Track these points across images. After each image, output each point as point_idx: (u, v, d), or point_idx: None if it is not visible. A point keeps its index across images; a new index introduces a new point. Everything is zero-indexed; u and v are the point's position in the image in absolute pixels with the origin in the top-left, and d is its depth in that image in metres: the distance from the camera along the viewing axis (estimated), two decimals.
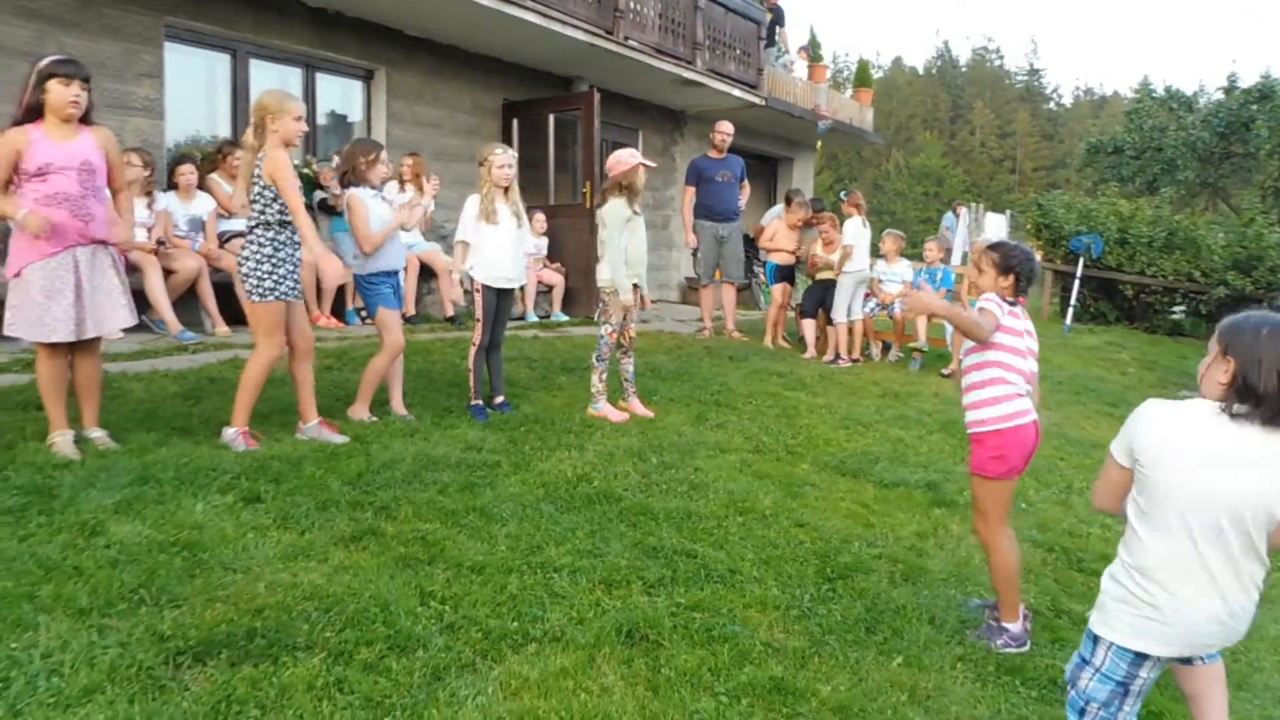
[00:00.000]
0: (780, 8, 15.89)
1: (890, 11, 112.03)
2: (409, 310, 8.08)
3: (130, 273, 6.47)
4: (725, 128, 9.36)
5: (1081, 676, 2.41)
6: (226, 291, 6.90)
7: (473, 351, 5.47)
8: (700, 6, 12.02)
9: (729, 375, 7.26)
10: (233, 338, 6.75)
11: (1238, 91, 22.23)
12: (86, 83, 4.09)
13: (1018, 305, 3.37)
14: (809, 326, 9.12)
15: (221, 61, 8.39)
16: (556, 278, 9.96)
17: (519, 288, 5.89)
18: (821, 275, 9.07)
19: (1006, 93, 63.52)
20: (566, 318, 9.83)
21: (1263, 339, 2.16)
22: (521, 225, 5.59)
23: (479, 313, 5.45)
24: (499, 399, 5.63)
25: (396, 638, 2.76)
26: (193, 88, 8.29)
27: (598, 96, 10.24)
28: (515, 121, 10.95)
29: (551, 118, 11.04)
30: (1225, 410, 2.19)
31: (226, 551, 3.21)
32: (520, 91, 11.04)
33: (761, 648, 3.02)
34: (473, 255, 5.43)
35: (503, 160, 5.39)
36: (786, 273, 9.68)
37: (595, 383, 5.70)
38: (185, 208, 7.24)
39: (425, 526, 3.64)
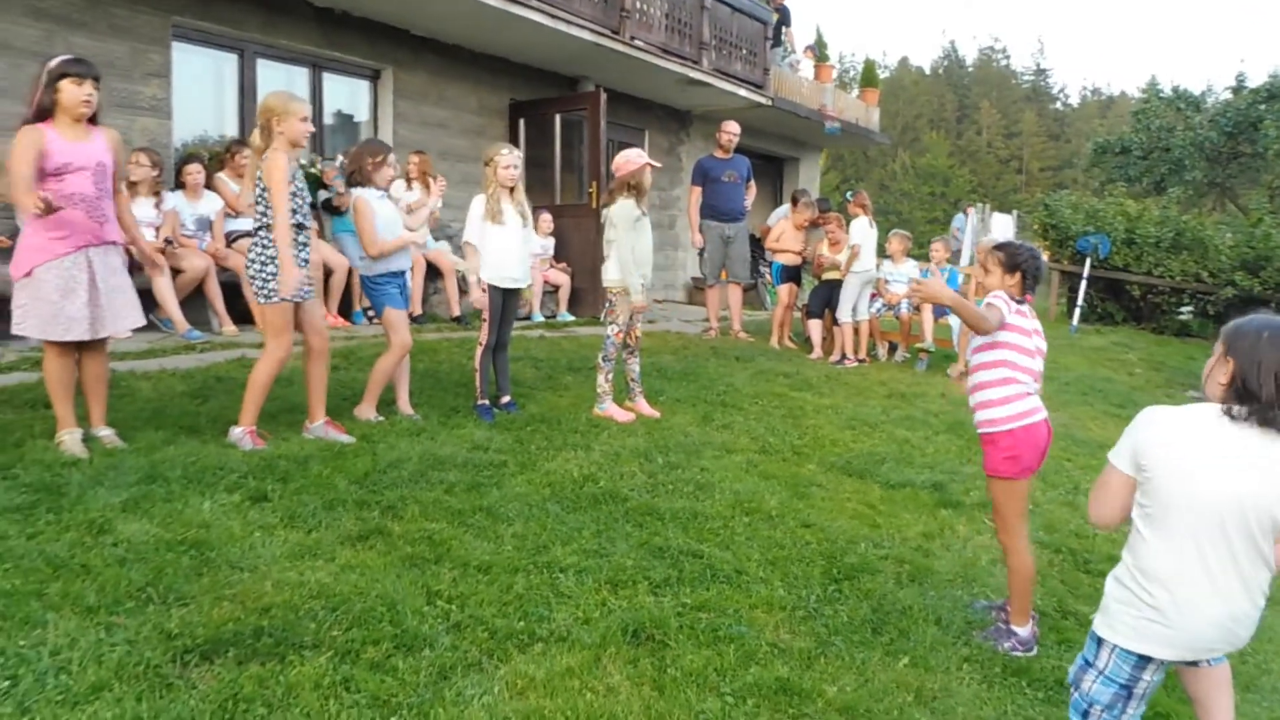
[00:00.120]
0: (786, 7, 15.89)
1: (896, 11, 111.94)
2: (416, 310, 8.10)
3: (137, 272, 6.53)
4: (731, 128, 9.35)
5: (1085, 679, 2.40)
6: (234, 291, 6.92)
7: (479, 351, 5.47)
8: (706, 6, 12.02)
9: (735, 376, 7.25)
10: (240, 337, 6.77)
11: (1246, 91, 22.20)
12: (97, 82, 4.11)
13: (1025, 304, 3.36)
14: (815, 327, 9.11)
15: (229, 61, 8.41)
16: (562, 278, 9.97)
17: (525, 287, 5.88)
18: (828, 275, 9.07)
19: (1013, 93, 63.39)
20: (572, 318, 9.84)
21: (1263, 342, 2.17)
22: (527, 225, 5.60)
23: (485, 313, 5.46)
24: (505, 399, 5.63)
25: (403, 637, 2.77)
26: (200, 87, 8.31)
27: (604, 96, 10.24)
28: (521, 121, 10.96)
29: (557, 118, 11.05)
30: (1225, 412, 2.20)
31: (234, 550, 3.22)
32: (526, 91, 11.05)
33: (767, 648, 3.02)
34: (479, 255, 5.43)
35: (508, 160, 5.39)
36: (792, 273, 9.68)
37: (601, 383, 5.71)
38: (193, 207, 7.26)
39: (432, 526, 3.64)
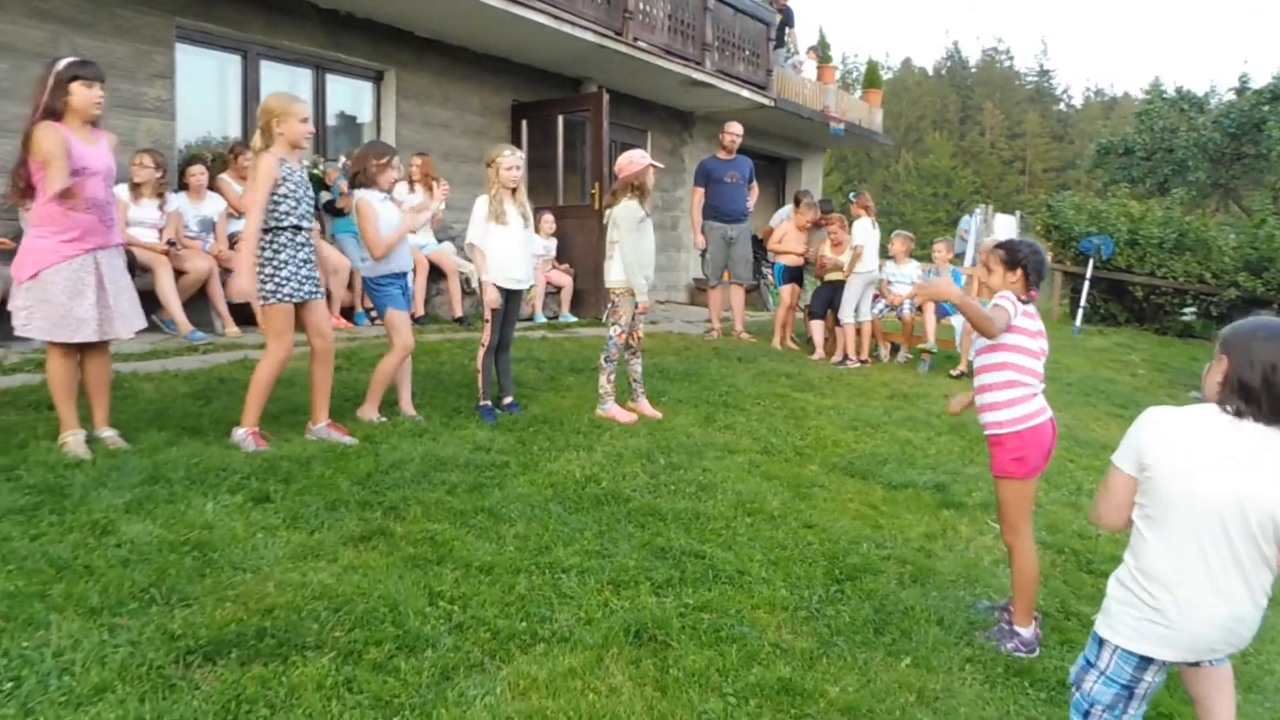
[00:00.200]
0: (790, 9, 15.89)
1: (900, 12, 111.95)
2: (418, 311, 8.11)
3: (140, 273, 6.55)
4: (734, 129, 9.35)
5: (1086, 679, 2.40)
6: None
7: (481, 352, 5.48)
8: (709, 7, 12.02)
9: (737, 376, 7.25)
10: (243, 338, 6.78)
11: (1249, 92, 22.15)
12: (103, 84, 4.14)
13: (1031, 304, 3.35)
14: (817, 328, 9.11)
15: (232, 62, 8.43)
16: (565, 279, 9.97)
17: (530, 287, 5.89)
18: (830, 276, 9.06)
19: (1016, 93, 63.36)
20: (575, 318, 9.84)
21: (1257, 339, 2.21)
22: (528, 226, 5.60)
23: (487, 314, 5.46)
24: (507, 400, 5.64)
25: (405, 637, 2.77)
26: (204, 89, 8.33)
27: (606, 97, 10.24)
28: (524, 122, 10.96)
29: (560, 119, 11.05)
30: (1222, 410, 2.22)
31: (236, 551, 3.23)
32: (529, 92, 11.06)
33: (770, 648, 3.02)
34: (485, 256, 5.43)
35: (510, 162, 5.39)
36: (795, 274, 9.68)
37: (603, 383, 5.71)
38: (196, 208, 7.27)
39: (434, 527, 3.65)
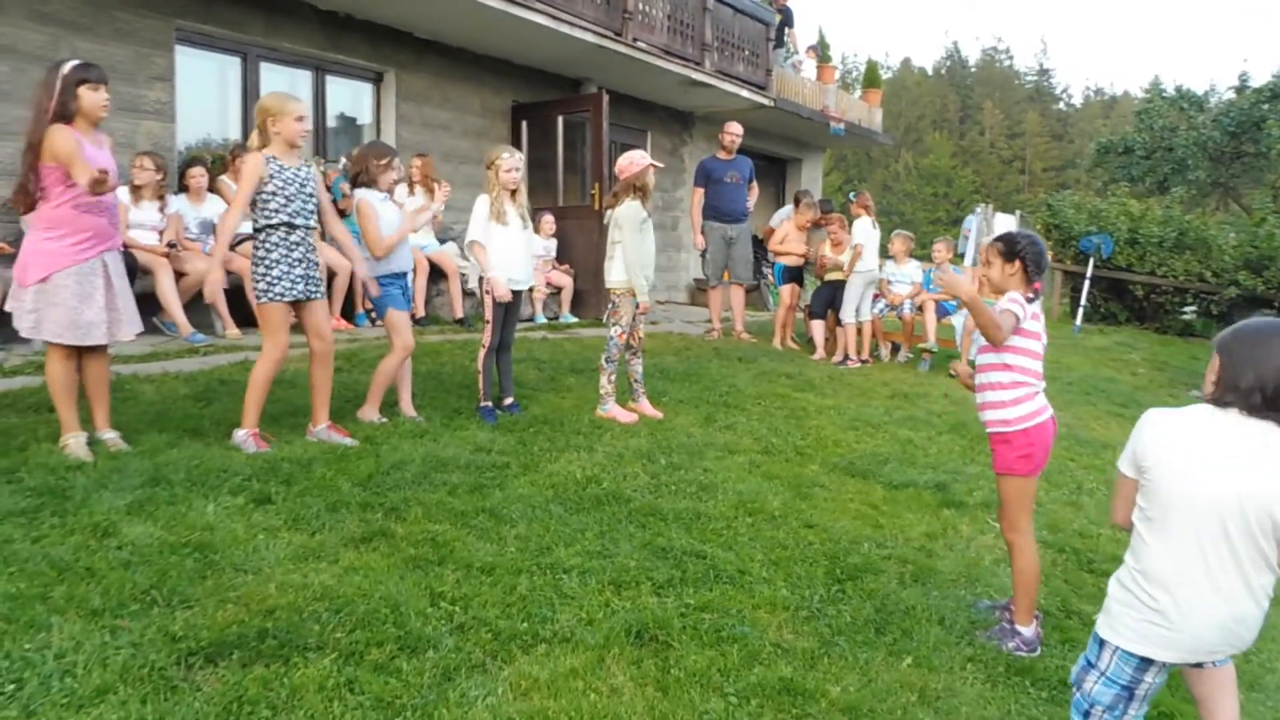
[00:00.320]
0: (789, 9, 15.88)
1: (899, 12, 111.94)
2: (419, 312, 8.11)
3: (141, 275, 6.56)
4: (734, 129, 9.35)
5: (1087, 679, 2.41)
6: (237, 294, 6.93)
7: (482, 353, 5.48)
8: (709, 8, 12.02)
9: (738, 376, 7.25)
10: (243, 340, 6.78)
11: (1249, 91, 22.14)
12: (107, 86, 4.17)
13: (1036, 302, 3.34)
14: (817, 327, 9.11)
15: (232, 64, 8.43)
16: (565, 279, 9.97)
17: (528, 289, 5.89)
18: (830, 276, 9.06)
19: (1016, 93, 63.37)
20: (575, 319, 9.84)
21: (1245, 336, 2.28)
22: (528, 228, 5.60)
23: (488, 314, 5.46)
24: (508, 400, 5.64)
25: (407, 638, 2.77)
26: (204, 91, 8.33)
27: (606, 98, 10.25)
28: (524, 123, 10.97)
29: (560, 119, 11.06)
30: (1215, 406, 2.26)
31: (238, 553, 3.23)
32: (529, 93, 11.07)
33: (771, 648, 3.02)
34: (488, 254, 5.43)
35: (510, 163, 5.39)
36: (795, 274, 9.68)
37: (604, 384, 5.71)
38: (196, 210, 7.28)
39: (435, 528, 3.65)
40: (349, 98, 9.64)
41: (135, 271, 6.29)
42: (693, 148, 13.99)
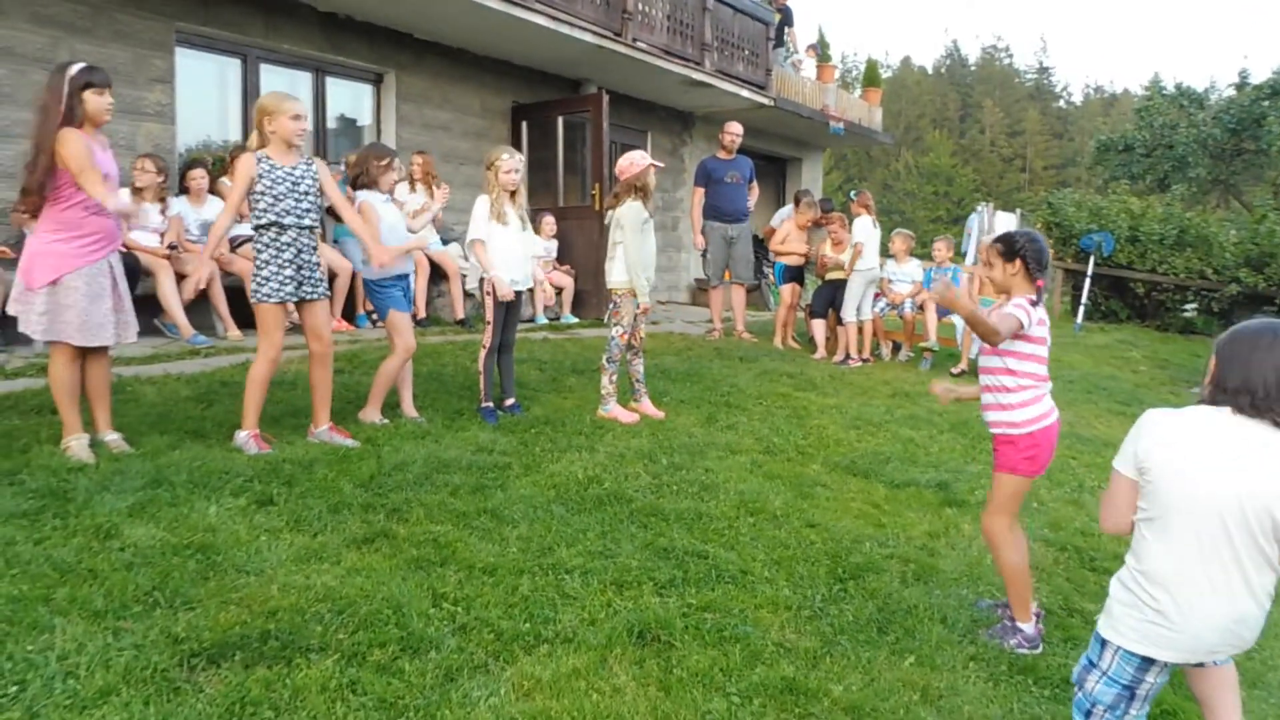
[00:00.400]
0: (789, 8, 15.88)
1: (899, 11, 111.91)
2: (420, 313, 8.11)
3: (143, 277, 6.56)
4: (734, 128, 9.35)
5: (1089, 679, 2.41)
6: (238, 295, 6.94)
7: (483, 354, 5.48)
8: (708, 8, 12.02)
9: (739, 376, 7.25)
10: (245, 341, 6.78)
11: (1249, 88, 22.09)
12: (111, 90, 4.19)
13: (1040, 300, 3.32)
14: (818, 327, 9.11)
15: (232, 66, 8.43)
16: (566, 280, 9.97)
17: (529, 290, 5.89)
18: (831, 275, 9.06)
19: (1016, 91, 63.37)
20: (576, 319, 9.84)
21: (1239, 337, 2.31)
22: (526, 229, 5.61)
23: (489, 315, 5.47)
24: (509, 401, 5.64)
25: (409, 639, 2.77)
26: (204, 92, 8.34)
27: (606, 98, 10.25)
28: (524, 124, 10.97)
29: (560, 120, 11.06)
30: (1210, 404, 2.28)
31: (240, 554, 3.23)
32: (529, 94, 11.07)
33: (773, 648, 3.02)
34: (489, 253, 5.42)
35: (509, 165, 5.39)
36: (796, 273, 9.68)
37: (605, 384, 5.71)
38: (197, 212, 7.28)
39: (437, 528, 3.65)
40: (349, 99, 9.65)
41: (138, 273, 6.30)
42: (693, 148, 13.99)
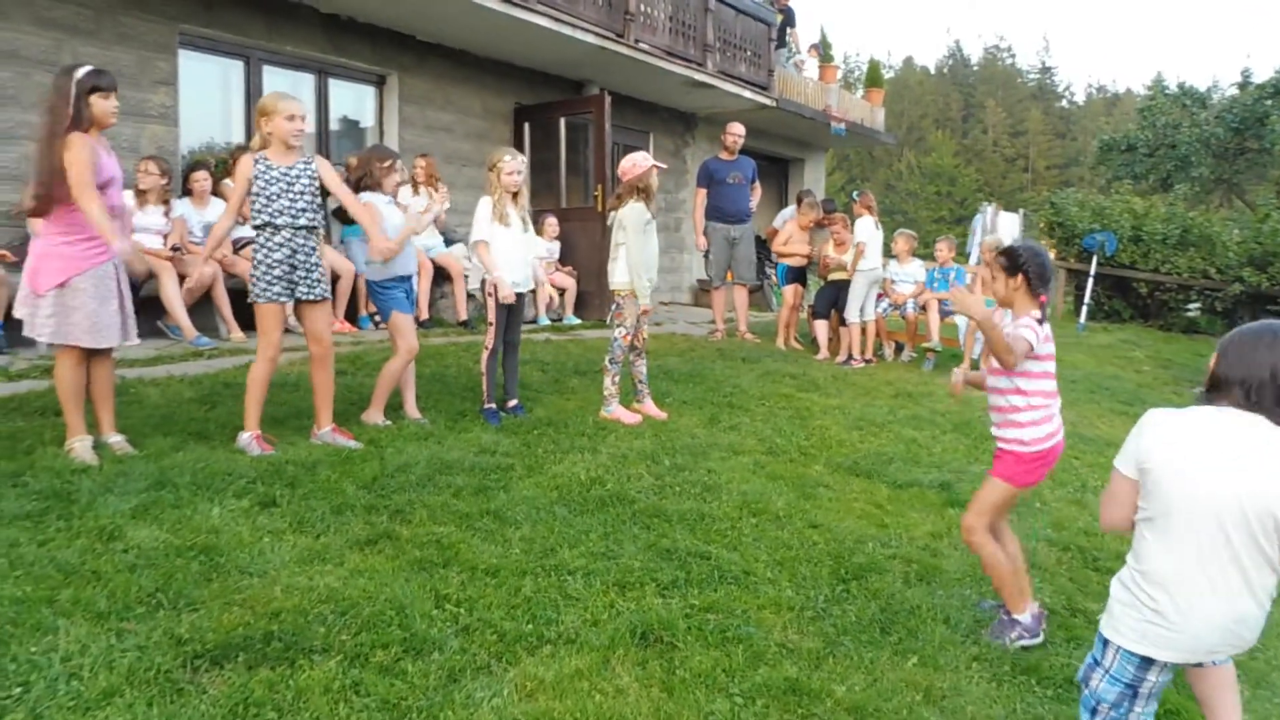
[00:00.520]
0: (791, 9, 15.88)
1: (901, 11, 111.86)
2: (422, 314, 8.11)
3: (146, 279, 6.57)
4: (736, 129, 9.35)
5: (1093, 677, 2.41)
6: (241, 297, 6.94)
7: (485, 355, 5.48)
8: (710, 9, 12.03)
9: (742, 377, 7.25)
10: (248, 343, 6.79)
11: (1252, 87, 22.03)
12: (116, 93, 4.21)
13: (1046, 323, 3.29)
14: (821, 327, 9.11)
15: (235, 68, 8.45)
16: (568, 281, 9.98)
17: (531, 291, 5.89)
18: (834, 276, 9.06)
19: (1018, 91, 63.33)
20: (578, 321, 9.85)
21: (1241, 335, 2.33)
22: (528, 231, 5.61)
23: (491, 316, 5.47)
24: (512, 402, 5.64)
25: (412, 640, 2.78)
26: (207, 94, 8.35)
27: (609, 100, 10.25)
28: (527, 125, 10.98)
29: (563, 121, 11.07)
30: (1205, 399, 2.31)
31: (243, 555, 3.24)
32: (531, 95, 11.07)
33: (776, 649, 3.02)
34: (492, 254, 5.43)
35: (512, 166, 5.39)
36: (798, 274, 9.67)
37: (608, 385, 5.71)
38: (200, 214, 7.29)
39: (440, 530, 3.65)
40: (352, 101, 9.66)
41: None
42: (695, 149, 13.99)
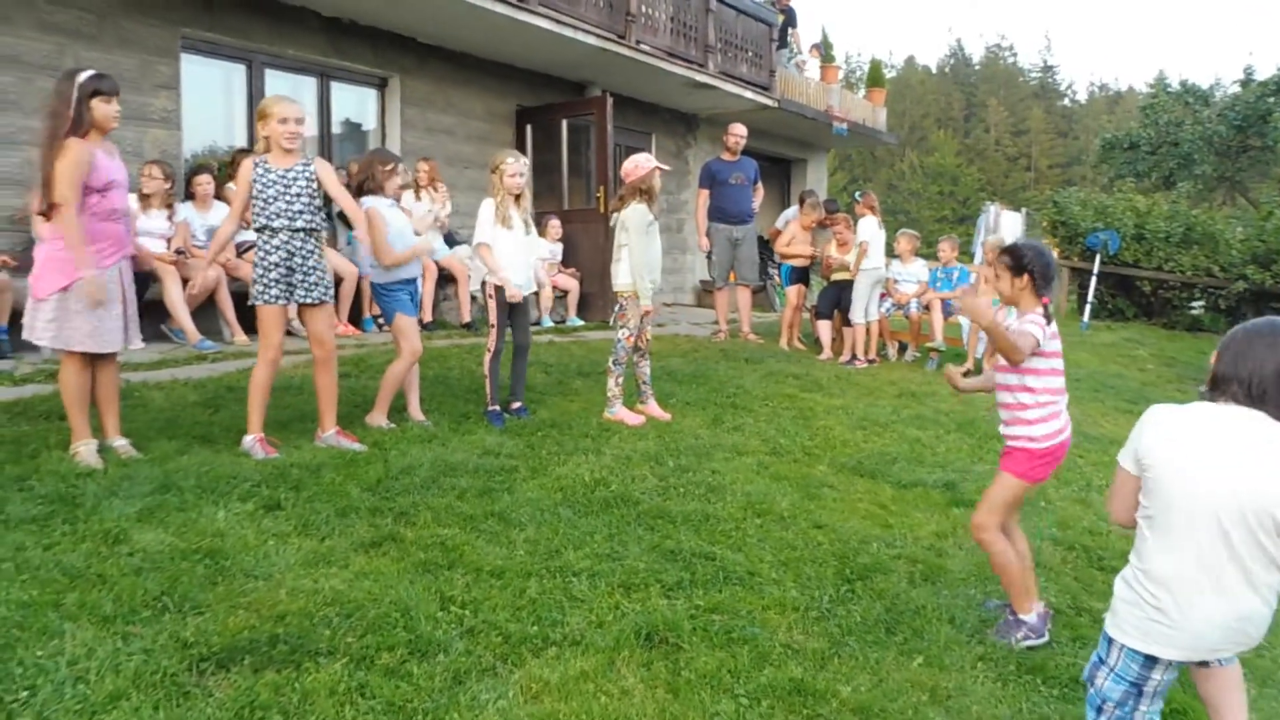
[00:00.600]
0: (792, 9, 15.87)
1: (902, 11, 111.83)
2: (426, 317, 8.12)
3: (150, 283, 6.59)
4: (738, 130, 9.35)
5: (1098, 675, 2.41)
6: (245, 300, 6.95)
7: (487, 357, 5.48)
8: (712, 9, 12.03)
9: (745, 378, 7.25)
10: (251, 346, 6.79)
11: (1254, 84, 22.02)
12: (118, 97, 4.21)
13: (1053, 322, 3.29)
14: (824, 328, 9.10)
15: (237, 72, 8.46)
16: (571, 282, 9.98)
17: (533, 293, 5.90)
18: (836, 276, 9.06)
19: (1020, 90, 63.26)
20: (581, 322, 9.85)
21: (1242, 332, 2.33)
22: (530, 233, 5.61)
23: (493, 318, 5.47)
24: (516, 404, 5.64)
25: (417, 642, 2.78)
26: (209, 98, 8.36)
27: (610, 101, 10.26)
28: (529, 127, 10.99)
29: (565, 123, 11.08)
30: (1206, 395, 2.30)
31: (248, 558, 3.24)
32: (533, 97, 11.08)
33: (781, 649, 3.02)
34: (494, 256, 5.43)
35: (514, 168, 5.40)
36: (801, 274, 9.67)
37: (611, 386, 5.71)
38: (203, 218, 7.31)
39: (444, 532, 3.65)
40: (354, 103, 9.67)
41: (145, 280, 6.33)
42: (697, 149, 13.99)
